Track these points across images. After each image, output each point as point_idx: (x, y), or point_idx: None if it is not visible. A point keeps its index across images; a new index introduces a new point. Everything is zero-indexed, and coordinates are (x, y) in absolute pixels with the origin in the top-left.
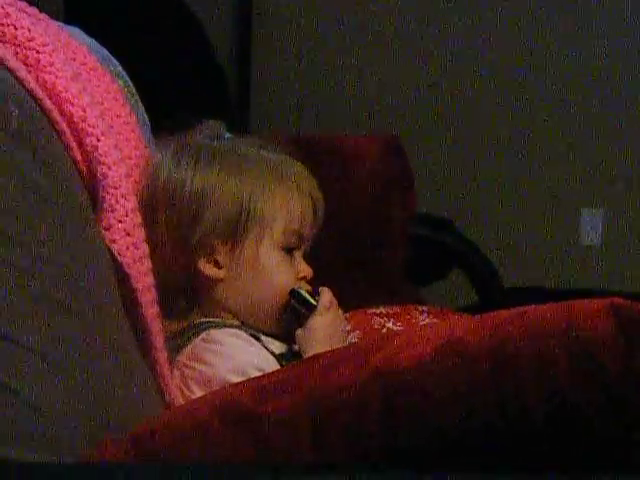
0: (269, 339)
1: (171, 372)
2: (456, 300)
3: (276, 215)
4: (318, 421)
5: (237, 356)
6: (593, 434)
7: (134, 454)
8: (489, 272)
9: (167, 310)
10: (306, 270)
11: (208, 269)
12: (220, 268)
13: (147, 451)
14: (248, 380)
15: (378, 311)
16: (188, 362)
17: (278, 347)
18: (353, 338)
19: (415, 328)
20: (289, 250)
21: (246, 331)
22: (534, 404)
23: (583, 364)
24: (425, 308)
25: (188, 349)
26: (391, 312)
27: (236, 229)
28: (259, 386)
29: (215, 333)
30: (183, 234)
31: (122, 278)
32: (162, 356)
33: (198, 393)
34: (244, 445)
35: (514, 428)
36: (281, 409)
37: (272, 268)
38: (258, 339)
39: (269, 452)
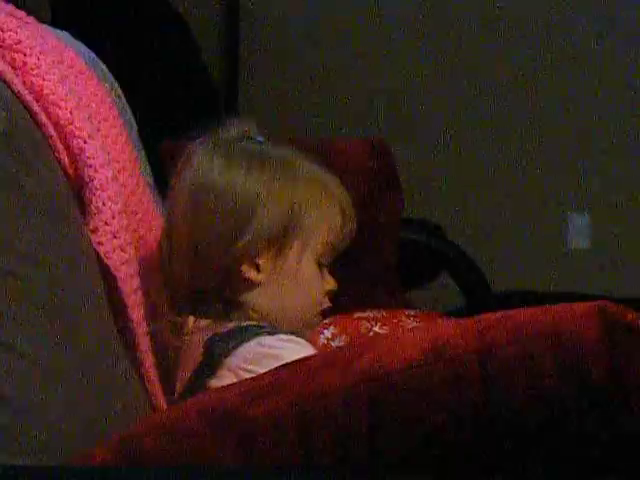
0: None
1: (215, 373)
2: (444, 304)
3: (320, 227)
4: (305, 424)
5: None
6: (580, 436)
7: (122, 457)
8: (476, 276)
9: (200, 308)
10: (332, 283)
11: (248, 272)
12: (260, 272)
13: (135, 454)
14: (235, 383)
15: (365, 315)
16: (246, 366)
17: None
18: (340, 342)
19: (402, 332)
20: (320, 263)
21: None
22: (521, 407)
23: (569, 367)
24: (412, 312)
25: (243, 353)
26: (378, 316)
27: (283, 236)
28: (246, 389)
29: (270, 339)
30: (230, 235)
31: (109, 281)
32: (148, 358)
33: None
34: (231, 448)
35: (501, 431)
36: (268, 412)
37: (310, 279)
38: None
39: (256, 455)
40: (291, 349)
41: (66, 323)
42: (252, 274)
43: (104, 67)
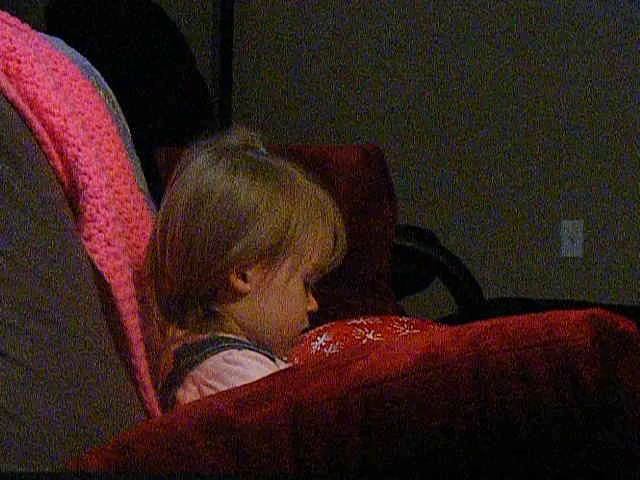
0: (280, 361)
1: (180, 384)
2: (437, 311)
3: (313, 249)
4: (299, 431)
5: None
6: (573, 442)
7: (115, 464)
8: (470, 283)
9: (180, 317)
10: (314, 304)
11: (236, 281)
12: (247, 282)
13: (128, 461)
14: (229, 390)
15: (359, 322)
16: (208, 380)
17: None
18: (333, 349)
19: (395, 339)
20: (306, 283)
21: (264, 354)
22: (514, 414)
23: (562, 374)
24: (406, 319)
25: (208, 366)
26: (372, 323)
27: (275, 252)
28: (239, 396)
29: (237, 354)
30: (225, 242)
31: (103, 288)
32: (142, 365)
33: None
34: (225, 456)
35: (495, 438)
36: (261, 419)
37: (295, 298)
38: (273, 360)
39: (249, 463)
40: (255, 368)
41: (59, 330)
42: (239, 284)
43: (98, 74)
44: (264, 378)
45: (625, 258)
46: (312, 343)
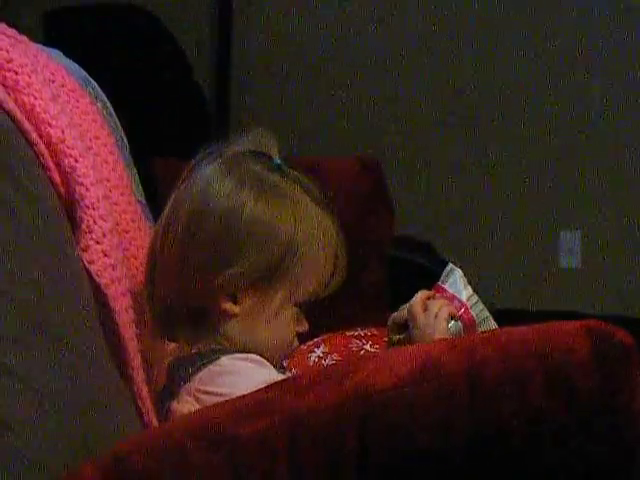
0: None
1: (175, 397)
2: None
3: (312, 278)
4: (295, 443)
5: (254, 375)
6: (568, 454)
7: (113, 475)
8: None
9: (170, 331)
10: (304, 326)
11: (226, 304)
12: (237, 305)
13: (124, 472)
14: (225, 402)
15: (356, 333)
16: (202, 387)
17: None
18: (330, 360)
19: (392, 350)
20: (298, 305)
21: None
22: (510, 424)
23: (558, 386)
24: None
25: (199, 375)
26: (369, 334)
27: (270, 278)
28: (236, 407)
29: (226, 359)
30: (219, 263)
31: (100, 299)
32: (140, 376)
33: None
34: (221, 467)
35: (491, 448)
36: (258, 431)
37: (286, 322)
38: None
39: (246, 474)
40: (245, 366)
41: (58, 342)
42: (229, 306)
43: (96, 85)
44: (261, 389)
45: (623, 269)
46: (309, 354)
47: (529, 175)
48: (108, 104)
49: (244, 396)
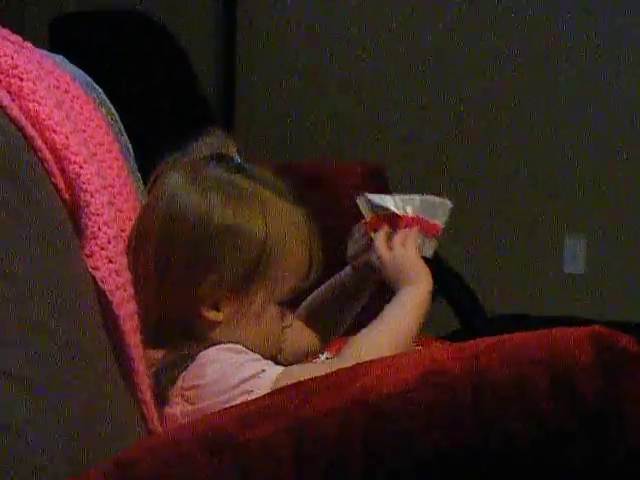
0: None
1: (166, 402)
2: (438, 328)
3: (290, 273)
4: (300, 448)
5: (234, 358)
6: (572, 459)
7: None
8: (472, 300)
9: (161, 340)
10: (289, 320)
11: (208, 312)
12: (219, 311)
13: (130, 478)
14: (231, 407)
15: None
16: (187, 384)
17: None
18: None
19: (396, 355)
20: (281, 302)
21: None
22: (515, 430)
23: (563, 391)
24: None
25: (183, 375)
26: None
27: (248, 282)
28: (242, 413)
29: (207, 351)
30: (195, 274)
31: (105, 305)
32: (144, 382)
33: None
34: (227, 473)
35: (496, 454)
36: (263, 436)
37: (270, 321)
38: None
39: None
40: (229, 356)
41: (64, 348)
42: (211, 314)
43: (100, 91)
44: (267, 394)
45: (628, 275)
46: (314, 360)
47: (534, 180)
48: (113, 110)
49: (250, 401)
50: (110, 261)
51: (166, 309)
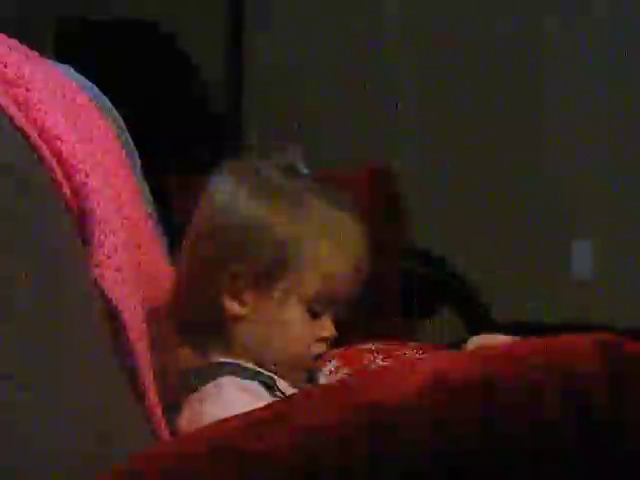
0: (287, 388)
1: (182, 409)
2: (446, 336)
3: (311, 275)
4: (306, 458)
5: (248, 404)
6: (581, 467)
7: None
8: (479, 307)
9: (191, 343)
10: (329, 330)
11: (231, 305)
12: (243, 306)
13: None
14: (238, 416)
15: (368, 347)
16: (199, 407)
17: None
18: (342, 374)
19: (402, 363)
20: (314, 310)
21: (263, 381)
22: (522, 438)
23: (571, 399)
24: (415, 344)
25: (201, 392)
26: (381, 348)
27: (272, 275)
28: (249, 422)
29: (227, 381)
30: (219, 258)
31: (111, 313)
32: (152, 390)
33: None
34: None
35: (502, 463)
36: (269, 446)
37: (294, 324)
38: (273, 384)
39: None
40: (236, 398)
41: (68, 356)
42: (235, 307)
43: (107, 101)
44: (271, 404)
45: (636, 280)
46: (323, 367)
47: (541, 185)
48: (119, 120)
49: (256, 410)
50: (117, 270)
51: (194, 304)
